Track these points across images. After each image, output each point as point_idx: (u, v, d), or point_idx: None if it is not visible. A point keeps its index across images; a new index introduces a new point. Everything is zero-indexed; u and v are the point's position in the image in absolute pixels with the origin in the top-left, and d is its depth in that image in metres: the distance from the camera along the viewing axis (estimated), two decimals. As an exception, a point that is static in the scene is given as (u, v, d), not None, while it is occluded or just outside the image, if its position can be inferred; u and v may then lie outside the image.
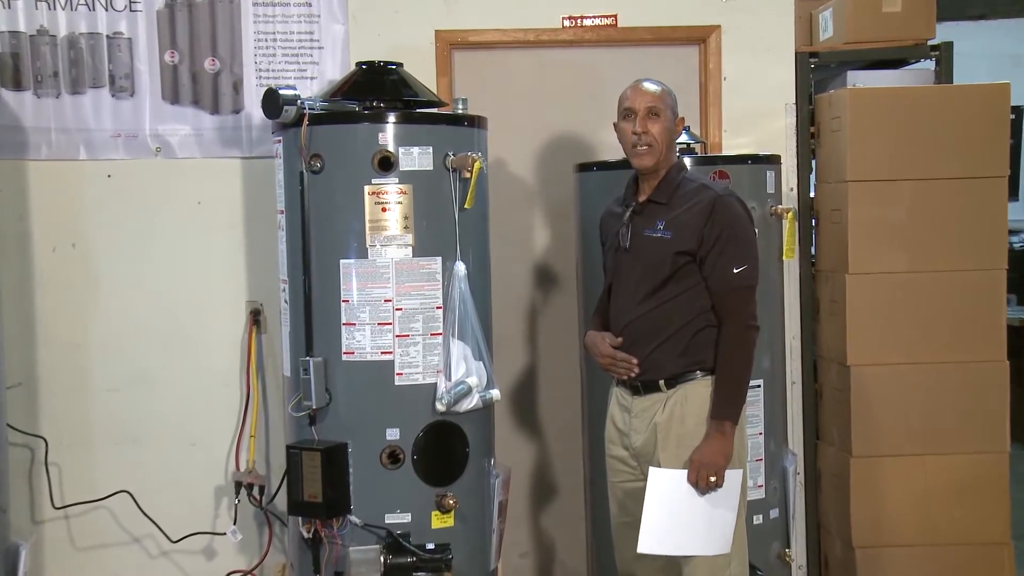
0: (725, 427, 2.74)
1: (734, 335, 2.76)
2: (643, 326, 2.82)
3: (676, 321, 2.79)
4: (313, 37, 3.96)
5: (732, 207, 2.79)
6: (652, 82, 2.88)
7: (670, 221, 2.79)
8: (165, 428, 4.00)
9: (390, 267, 3.06)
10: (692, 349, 2.79)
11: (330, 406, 3.10)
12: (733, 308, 2.76)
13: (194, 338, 3.99)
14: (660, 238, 2.79)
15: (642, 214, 2.86)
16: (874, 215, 3.75)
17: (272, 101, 3.05)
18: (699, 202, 2.78)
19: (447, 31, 3.99)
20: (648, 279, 2.81)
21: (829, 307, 3.93)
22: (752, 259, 2.79)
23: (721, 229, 2.75)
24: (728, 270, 2.75)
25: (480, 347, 3.12)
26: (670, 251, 2.77)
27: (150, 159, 3.94)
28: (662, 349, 2.81)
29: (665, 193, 2.83)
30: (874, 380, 3.76)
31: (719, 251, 2.75)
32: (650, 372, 2.83)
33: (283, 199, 3.21)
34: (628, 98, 2.86)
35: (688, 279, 2.78)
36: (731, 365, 2.76)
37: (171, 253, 3.97)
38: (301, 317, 3.13)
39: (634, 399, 2.87)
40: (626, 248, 2.86)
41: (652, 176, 2.86)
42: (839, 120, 3.81)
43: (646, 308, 2.81)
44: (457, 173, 3.08)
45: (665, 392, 2.82)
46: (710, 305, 2.79)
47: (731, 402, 2.76)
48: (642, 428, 2.86)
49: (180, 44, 3.94)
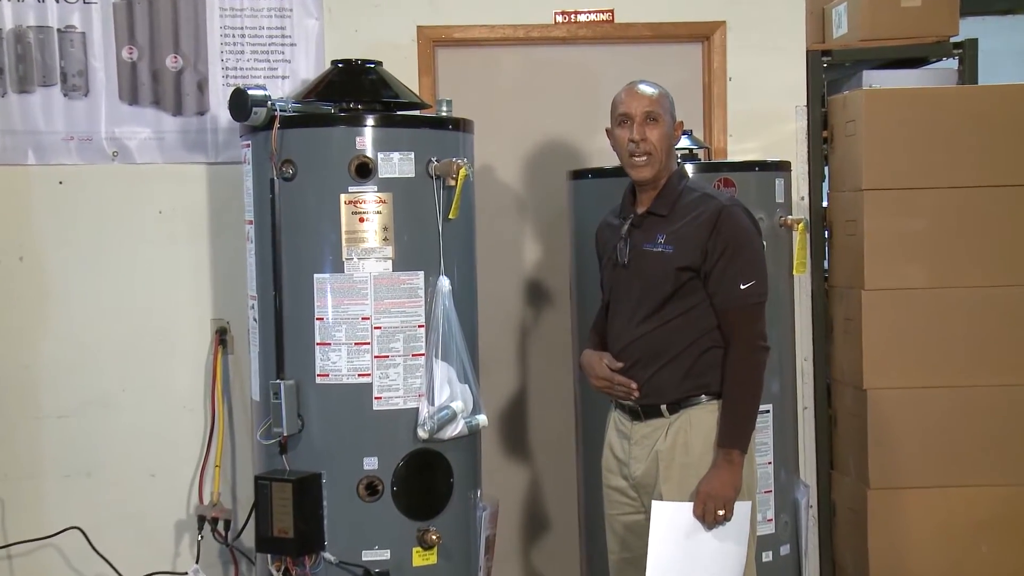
0: (733, 456, 2.75)
1: (742, 356, 2.77)
2: (643, 347, 2.84)
3: (679, 342, 2.81)
4: (285, 33, 3.98)
5: (738, 217, 2.81)
6: (648, 84, 2.89)
7: (671, 234, 2.81)
8: (121, 457, 4.00)
9: (368, 282, 3.08)
10: (696, 372, 2.81)
11: (302, 433, 3.11)
12: (740, 327, 2.78)
13: (154, 359, 4.00)
14: (661, 253, 2.81)
15: (641, 227, 2.87)
16: (892, 226, 3.79)
17: (240, 102, 3.07)
18: (702, 213, 2.79)
19: (430, 27, 4.02)
20: (648, 297, 2.82)
21: (843, 326, 3.97)
22: (761, 274, 2.81)
23: (726, 242, 2.76)
24: (735, 286, 2.76)
25: (466, 369, 3.14)
26: (672, 267, 2.78)
27: (106, 164, 3.96)
28: (664, 372, 2.82)
29: (665, 204, 2.85)
30: (893, 405, 3.79)
31: (724, 265, 2.76)
32: (651, 396, 2.84)
33: (252, 208, 3.23)
34: (623, 102, 2.86)
35: (692, 296, 2.80)
36: (739, 389, 2.77)
37: (129, 267, 3.99)
38: (271, 336, 3.15)
39: (634, 425, 2.89)
40: (624, 264, 2.88)
41: (651, 186, 2.87)
42: (854, 124, 3.85)
43: (647, 328, 2.83)
44: (441, 181, 3.11)
45: (668, 418, 2.83)
46: (716, 324, 2.80)
47: (740, 429, 2.77)
48: (643, 457, 2.87)
49: (139, 39, 3.95)
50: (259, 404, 3.25)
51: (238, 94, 3.08)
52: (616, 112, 2.87)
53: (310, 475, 3.08)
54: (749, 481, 2.84)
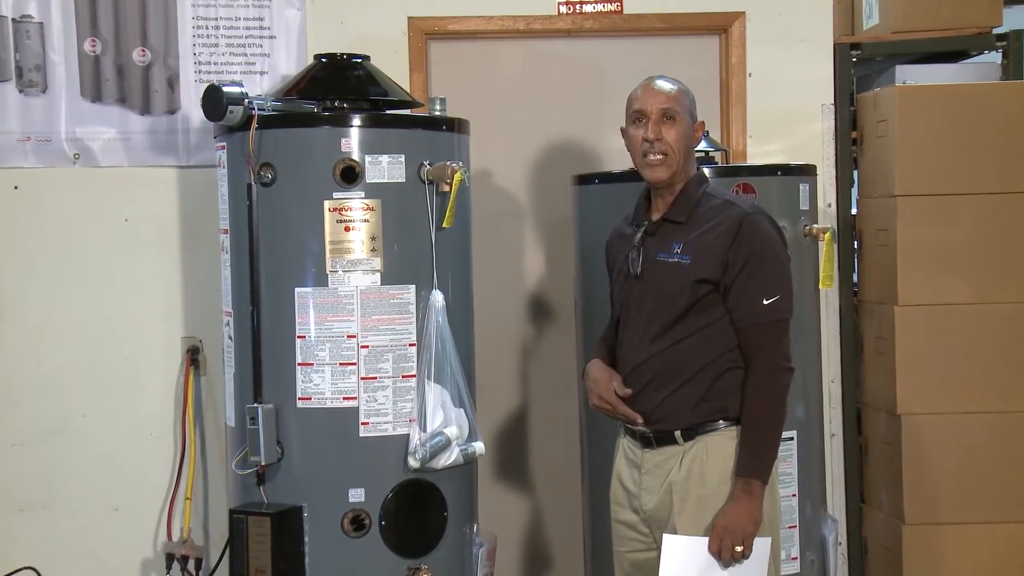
0: (753, 487, 2.75)
1: (764, 378, 2.78)
2: (657, 367, 2.85)
3: (695, 362, 2.82)
4: (263, 24, 4.01)
5: (762, 227, 2.83)
6: (667, 80, 2.91)
7: (689, 243, 2.82)
8: (82, 490, 4.02)
9: (354, 297, 3.10)
10: (714, 395, 2.82)
11: (282, 462, 3.13)
12: (762, 346, 2.79)
13: (119, 381, 4.02)
14: (677, 263, 2.82)
15: (656, 235, 2.89)
16: (928, 236, 3.81)
17: (214, 100, 3.09)
18: (723, 221, 2.81)
19: (422, 18, 4.05)
20: (663, 312, 2.83)
21: (875, 345, 3.99)
22: (786, 288, 2.82)
23: (749, 253, 2.78)
24: (757, 301, 2.78)
25: (461, 392, 3.16)
26: (689, 279, 2.79)
27: (66, 167, 3.99)
28: (679, 395, 2.83)
29: (683, 211, 2.86)
30: (930, 432, 3.80)
31: (746, 279, 2.78)
32: (665, 422, 2.84)
33: (227, 216, 3.25)
34: (639, 99, 2.88)
35: (710, 312, 2.81)
36: (760, 414, 2.78)
37: (91, 280, 4.01)
38: (248, 356, 3.17)
39: (645, 453, 2.89)
40: (637, 275, 2.89)
41: (667, 191, 2.89)
42: (886, 124, 3.88)
43: (660, 346, 2.84)
44: (434, 186, 3.13)
45: (682, 445, 2.83)
46: (735, 343, 2.82)
47: (760, 457, 2.78)
48: (655, 487, 2.88)
49: (103, 30, 3.98)
50: (234, 430, 3.26)
51: (212, 91, 3.10)
52: (631, 109, 2.90)
53: (290, 508, 3.09)
54: (771, 514, 2.85)
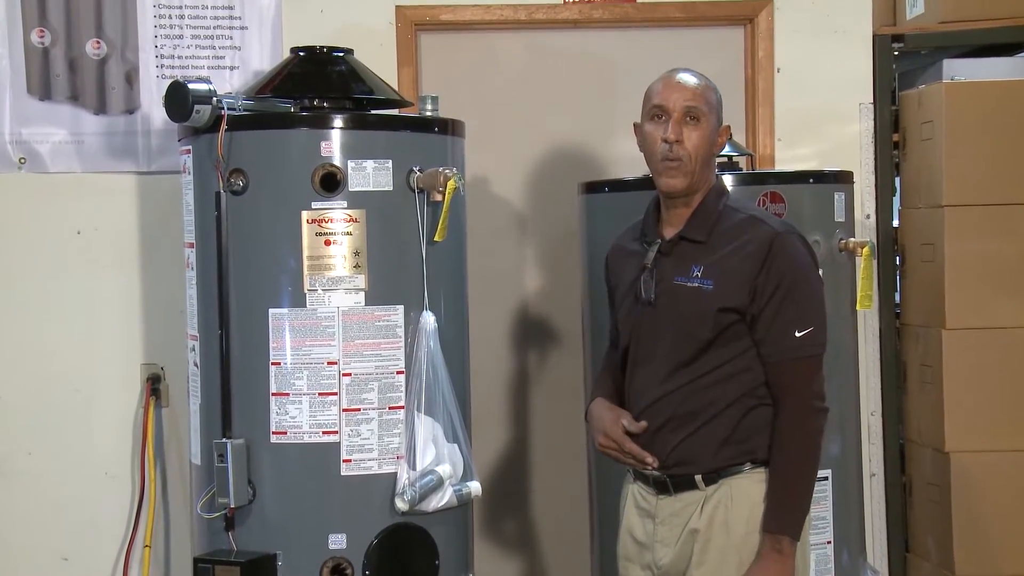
0: (784, 544, 2.75)
1: (795, 421, 2.78)
2: (675, 406, 2.83)
3: (719, 400, 2.81)
4: (233, 14, 4.07)
5: (794, 248, 2.82)
6: (693, 74, 2.89)
7: (711, 266, 2.81)
8: (26, 537, 4.06)
9: (335, 319, 3.15)
10: (740, 436, 2.81)
11: (254, 504, 3.16)
12: (795, 384, 2.78)
13: (69, 414, 4.06)
14: (698, 289, 2.80)
15: (671, 255, 2.86)
16: (979, 251, 3.87)
17: (179, 98, 3.13)
18: (750, 241, 2.80)
19: (412, 7, 4.11)
20: (682, 344, 2.82)
21: (919, 374, 4.04)
22: (820, 319, 2.82)
23: (780, 279, 2.77)
24: (788, 334, 2.77)
25: (455, 425, 3.20)
26: (712, 307, 2.78)
27: (11, 173, 4.04)
28: (700, 436, 2.81)
29: (702, 228, 2.85)
30: (982, 472, 3.85)
31: (776, 308, 2.77)
32: (684, 465, 2.83)
33: (193, 228, 3.29)
34: (659, 93, 2.85)
35: (735, 344, 2.80)
36: (792, 461, 2.78)
37: (38, 300, 4.06)
38: (216, 385, 3.20)
39: (660, 500, 2.88)
40: (650, 301, 2.87)
41: (681, 203, 2.87)
42: (931, 125, 3.94)
43: (679, 382, 2.83)
44: (425, 195, 3.17)
45: (703, 491, 2.83)
46: (763, 378, 2.82)
47: (792, 511, 2.77)
48: (671, 539, 2.87)
49: (52, 20, 4.04)
50: (200, 469, 3.30)
51: (176, 88, 3.14)
52: (650, 103, 2.86)
53: (263, 556, 3.13)
54: (802, 571, 2.86)
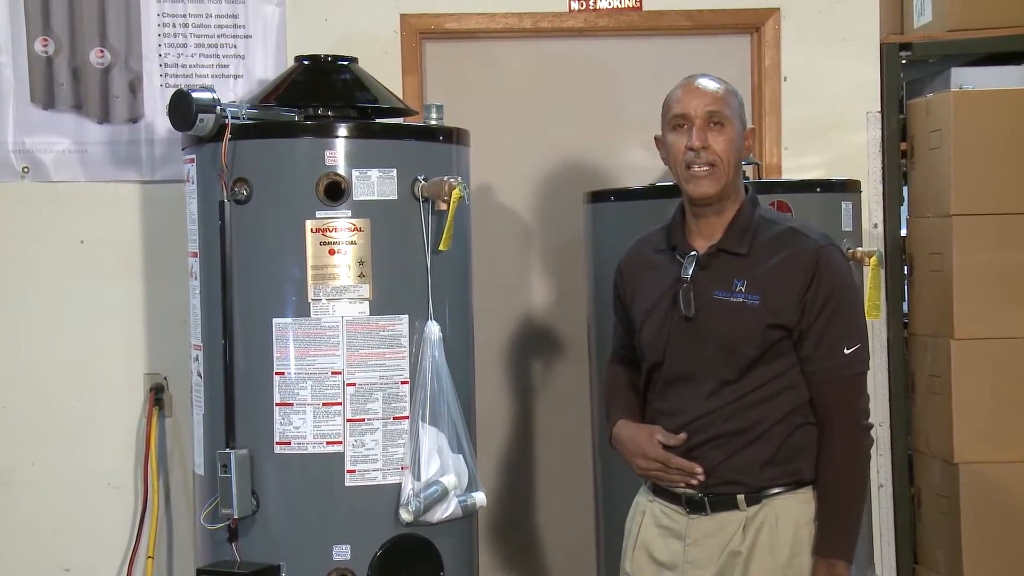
0: (839, 569, 2.70)
1: (845, 441, 2.74)
2: (717, 425, 2.77)
3: (765, 418, 2.76)
4: (237, 22, 4.09)
5: (840, 263, 2.80)
6: (712, 79, 2.85)
7: (755, 281, 2.76)
8: (28, 548, 4.07)
9: (340, 328, 3.15)
10: (785, 455, 2.76)
11: (257, 515, 3.17)
12: (844, 402, 2.75)
13: (72, 425, 4.07)
14: (742, 304, 2.75)
15: (709, 268, 2.81)
16: (988, 260, 3.88)
17: (182, 107, 3.13)
18: (795, 255, 2.76)
19: (417, 15, 4.12)
20: (726, 361, 2.76)
21: (928, 384, 4.04)
22: (865, 336, 2.80)
23: (828, 294, 2.73)
24: (838, 351, 2.74)
25: (460, 436, 3.21)
26: (760, 323, 2.73)
27: (14, 182, 4.05)
28: (745, 455, 2.76)
29: (742, 239, 2.80)
30: (992, 483, 3.85)
31: (825, 324, 2.73)
32: (727, 484, 2.78)
33: (197, 238, 3.30)
34: (679, 101, 2.80)
35: (780, 360, 2.76)
36: (844, 482, 2.74)
37: (42, 310, 4.07)
38: (220, 395, 3.21)
39: (692, 520, 2.81)
40: (689, 317, 2.80)
41: (712, 212, 2.82)
42: (940, 134, 3.95)
43: (722, 401, 2.77)
44: (430, 204, 3.18)
45: (744, 511, 2.77)
46: (807, 396, 2.78)
47: (845, 533, 2.73)
48: (707, 561, 2.79)
49: (56, 28, 4.05)
50: (203, 479, 3.31)
51: (180, 97, 3.14)
52: (670, 114, 2.82)
53: (266, 567, 3.13)
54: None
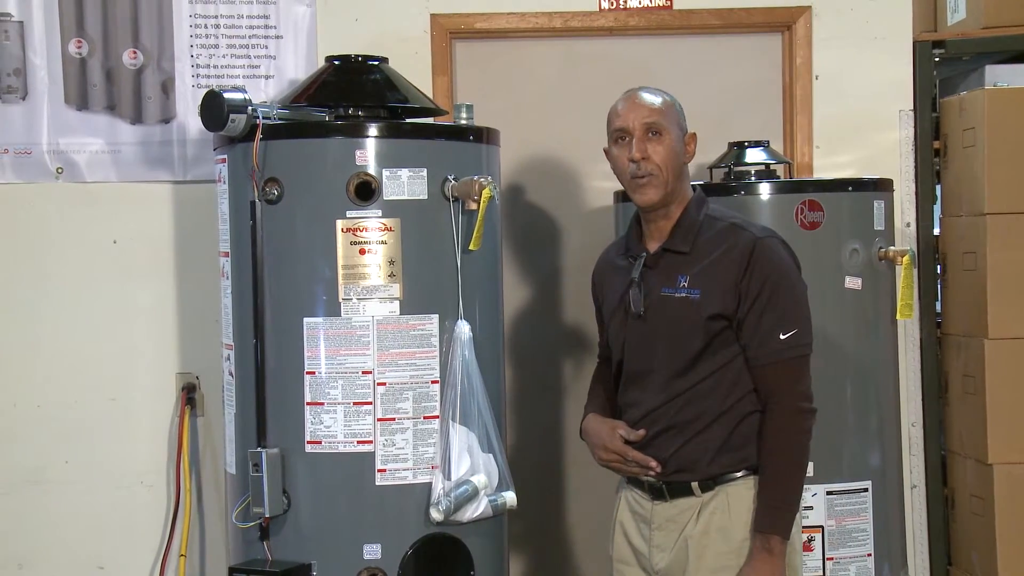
0: (773, 544, 2.83)
1: (782, 422, 2.87)
2: (670, 415, 2.93)
3: (713, 407, 2.90)
4: (269, 23, 4.11)
5: (775, 253, 2.92)
6: (650, 91, 3.01)
7: (696, 275, 2.91)
8: (62, 546, 4.09)
9: (370, 328, 3.17)
10: (735, 443, 2.91)
11: (289, 514, 3.19)
12: (781, 386, 2.88)
13: (105, 423, 4.10)
14: (685, 299, 2.91)
15: (657, 268, 2.97)
16: (1022, 259, 3.87)
17: (214, 107, 3.16)
18: (733, 247, 2.90)
19: (447, 15, 4.14)
20: (674, 354, 2.92)
21: (961, 384, 4.03)
22: (804, 320, 2.92)
23: (763, 282, 2.86)
24: (773, 337, 2.87)
25: (490, 435, 3.23)
26: (700, 315, 2.88)
27: (49, 183, 4.08)
28: (696, 443, 2.91)
29: (685, 238, 2.95)
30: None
31: (760, 311, 2.87)
32: (680, 472, 2.93)
33: (228, 237, 3.33)
34: (619, 115, 2.99)
35: (725, 350, 2.90)
36: (780, 461, 2.87)
37: (75, 309, 4.09)
38: (251, 395, 3.23)
39: (655, 506, 2.98)
40: (639, 314, 2.97)
41: (661, 216, 2.98)
42: (973, 132, 3.94)
43: (673, 392, 2.93)
44: (460, 204, 3.20)
45: (699, 497, 2.92)
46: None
47: (781, 511, 2.86)
48: (668, 544, 2.95)
49: (90, 30, 4.08)
50: (235, 478, 3.33)
51: (212, 97, 3.17)
52: (612, 127, 3.01)
53: (297, 566, 3.16)
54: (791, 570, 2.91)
